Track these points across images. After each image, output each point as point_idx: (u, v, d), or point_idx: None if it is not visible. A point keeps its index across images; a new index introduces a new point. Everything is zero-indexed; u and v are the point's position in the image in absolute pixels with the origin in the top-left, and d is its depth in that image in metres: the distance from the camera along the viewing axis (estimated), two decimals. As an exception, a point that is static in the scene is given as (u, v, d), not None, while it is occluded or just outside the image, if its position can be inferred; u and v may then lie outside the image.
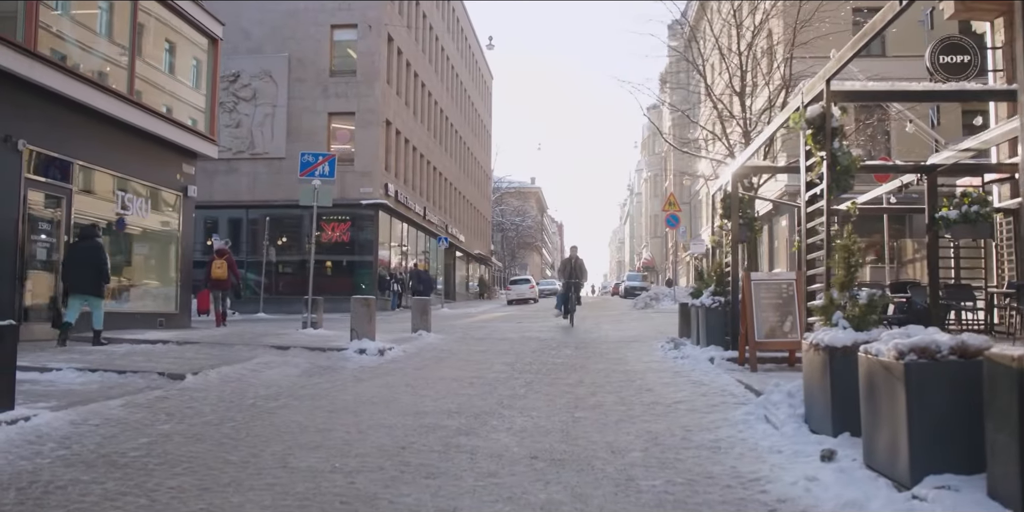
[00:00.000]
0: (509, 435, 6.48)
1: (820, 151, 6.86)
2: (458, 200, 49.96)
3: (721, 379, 9.50)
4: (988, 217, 10.71)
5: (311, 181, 15.73)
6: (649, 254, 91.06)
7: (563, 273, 20.37)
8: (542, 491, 4.80)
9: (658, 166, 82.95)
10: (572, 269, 20.03)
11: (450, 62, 47.71)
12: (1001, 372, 3.85)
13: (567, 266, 20.31)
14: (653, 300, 34.48)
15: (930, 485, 4.19)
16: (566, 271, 20.20)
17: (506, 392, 8.81)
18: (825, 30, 19.93)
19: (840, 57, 6.47)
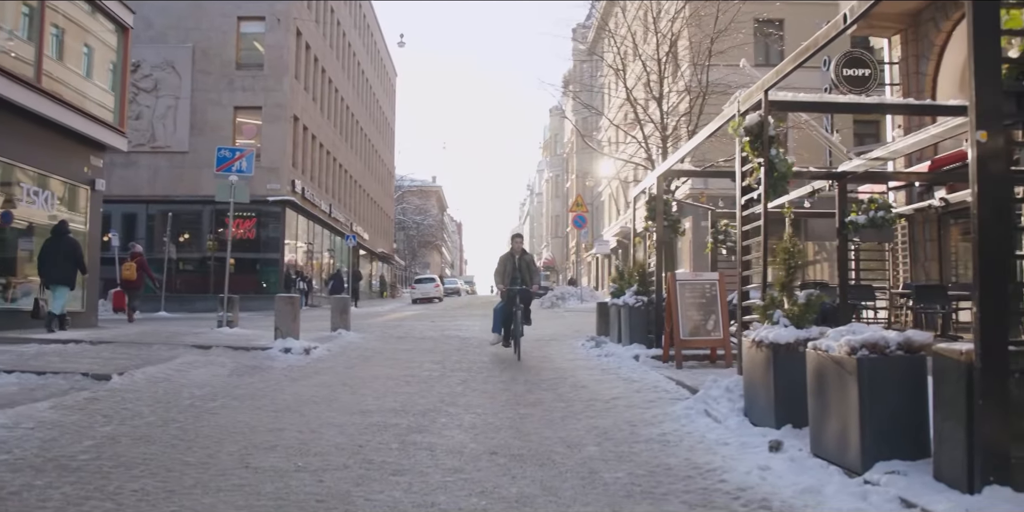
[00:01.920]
0: (461, 432, 6.58)
1: (758, 157, 7.20)
2: (363, 198, 49.47)
3: (650, 376, 9.81)
4: (893, 222, 11.39)
5: (227, 177, 15.37)
6: (550, 254, 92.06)
7: (503, 275, 12.50)
8: (512, 485, 4.92)
9: (560, 167, 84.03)
10: (518, 269, 12.52)
11: (356, 58, 47.20)
12: (949, 365, 4.20)
13: (508, 265, 12.59)
14: (560, 299, 35.01)
15: (880, 470, 4.52)
16: (508, 272, 12.50)
17: (444, 390, 8.88)
18: (740, 40, 20.73)
19: (780, 69, 6.82)
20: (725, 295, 10.92)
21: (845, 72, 15.19)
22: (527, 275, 12.48)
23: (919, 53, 15.08)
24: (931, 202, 14.16)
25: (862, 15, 5.44)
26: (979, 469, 3.97)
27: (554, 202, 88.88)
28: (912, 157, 14.65)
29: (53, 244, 14.37)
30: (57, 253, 14.19)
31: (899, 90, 15.55)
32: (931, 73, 14.83)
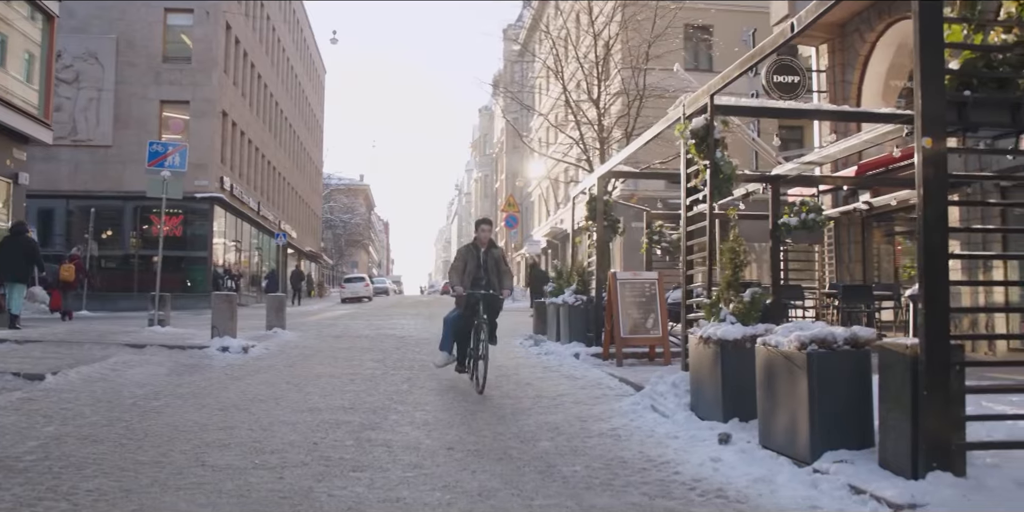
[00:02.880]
0: (414, 428, 6.62)
1: (704, 160, 7.42)
2: (291, 195, 48.75)
3: (592, 373, 9.98)
4: (823, 224, 11.82)
5: (159, 172, 15.02)
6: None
7: (462, 274, 9.26)
8: (473, 480, 5.00)
9: (489, 167, 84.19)
10: (484, 268, 9.27)
11: (285, 54, 46.48)
12: (895, 359, 4.43)
13: (471, 261, 9.30)
14: (491, 299, 35.02)
15: (828, 460, 4.74)
16: (469, 271, 9.26)
17: (390, 388, 8.89)
18: (675, 45, 21.18)
19: (726, 75, 7.05)
20: (664, 294, 11.17)
21: (775, 78, 15.69)
22: (495, 276, 9.19)
23: (845, 62, 15.65)
24: (856, 205, 14.71)
25: (808, 26, 5.67)
26: (923, 456, 4.21)
27: (483, 202, 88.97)
28: (838, 162, 15.20)
29: (11, 243, 14.63)
30: (16, 252, 14.45)
31: (826, 97, 16.11)
32: (856, 82, 15.40)
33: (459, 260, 9.31)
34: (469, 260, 9.21)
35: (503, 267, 9.32)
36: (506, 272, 9.32)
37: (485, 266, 9.14)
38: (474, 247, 9.34)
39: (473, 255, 9.25)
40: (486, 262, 9.17)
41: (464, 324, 9.03)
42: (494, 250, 9.34)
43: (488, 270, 9.13)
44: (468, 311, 8.98)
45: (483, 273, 9.11)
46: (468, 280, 9.10)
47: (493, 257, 9.26)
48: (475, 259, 9.21)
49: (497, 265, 9.25)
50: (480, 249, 9.27)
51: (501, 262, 9.33)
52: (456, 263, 9.35)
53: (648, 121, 19.07)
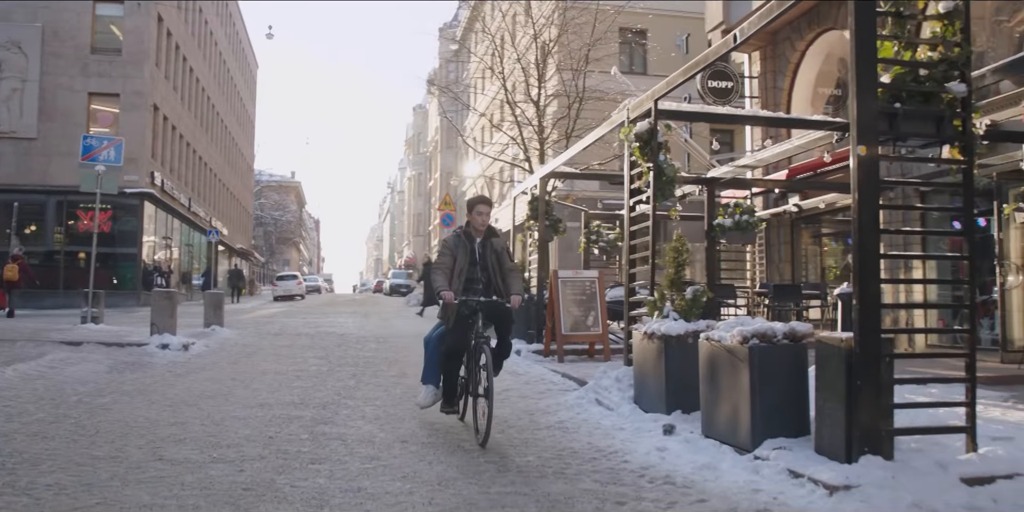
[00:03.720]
0: (367, 423, 6.75)
1: (647, 162, 7.70)
2: (222, 192, 47.92)
3: (535, 369, 10.22)
4: (756, 225, 12.27)
5: (94, 166, 14.75)
6: (411, 252, 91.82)
7: (449, 274, 6.59)
8: (430, 470, 5.16)
9: (423, 165, 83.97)
10: (481, 265, 6.66)
11: (218, 48, 45.67)
12: (831, 352, 4.75)
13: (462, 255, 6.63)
14: (426, 297, 35.08)
15: (769, 447, 5.04)
16: (461, 270, 6.60)
17: (337, 384, 8.97)
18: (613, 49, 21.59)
19: (670, 81, 7.33)
20: (604, 292, 11.47)
21: (710, 84, 16.17)
22: (498, 276, 6.62)
23: (776, 69, 16.21)
24: (786, 207, 15.27)
25: (751, 36, 5.98)
26: (856, 441, 4.54)
27: (416, 200, 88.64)
28: (769, 166, 15.73)
29: None
30: None
31: (758, 102, 16.65)
32: (786, 88, 15.97)
33: (445, 254, 6.58)
34: (460, 254, 6.53)
35: (508, 264, 6.71)
36: (512, 271, 6.69)
37: (483, 263, 6.56)
38: (466, 236, 6.59)
39: (465, 248, 6.55)
40: (484, 257, 6.58)
41: (454, 345, 6.41)
42: (494, 240, 6.67)
43: (487, 268, 6.56)
44: (460, 327, 6.36)
45: (479, 272, 6.54)
46: (459, 282, 6.47)
47: (493, 250, 6.63)
48: (468, 253, 6.55)
49: (500, 261, 6.65)
50: (475, 240, 6.58)
51: (504, 257, 6.72)
52: (441, 259, 6.58)
53: (587, 123, 19.44)
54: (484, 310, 6.28)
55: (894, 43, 4.76)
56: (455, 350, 6.44)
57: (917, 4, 4.81)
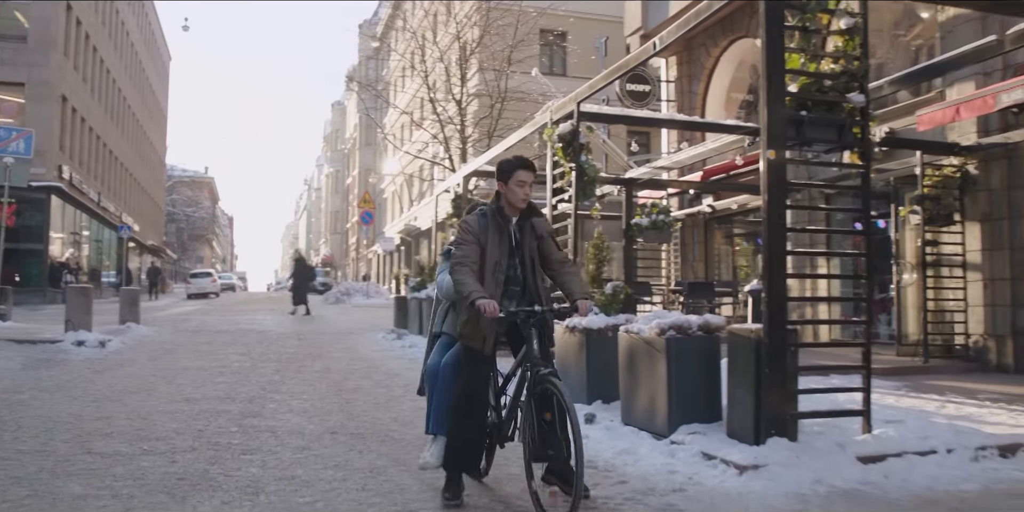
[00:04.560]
0: (295, 415, 6.84)
1: (569, 163, 7.99)
2: (133, 187, 46.58)
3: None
4: (671, 225, 12.72)
5: (2, 158, 14.30)
6: (328, 250, 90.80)
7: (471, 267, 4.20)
8: (362, 459, 5.32)
9: (341, 162, 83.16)
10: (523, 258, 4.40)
11: (130, 38, 44.37)
12: (742, 342, 5.09)
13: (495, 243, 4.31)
14: (345, 295, 34.92)
15: (684, 432, 5.36)
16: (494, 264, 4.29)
17: (262, 380, 9.00)
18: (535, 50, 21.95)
19: (592, 84, 7.63)
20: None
21: (628, 87, 16.63)
22: (536, 273, 4.46)
23: (692, 74, 16.77)
24: (700, 208, 15.83)
25: (669, 44, 6.30)
26: (764, 425, 4.89)
27: (333, 197, 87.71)
28: (685, 168, 16.27)
29: None
30: None
31: (674, 106, 17.19)
32: (701, 93, 16.54)
33: (469, 242, 4.30)
34: (491, 242, 4.32)
35: (557, 254, 4.53)
36: (565, 263, 4.55)
37: (521, 254, 4.41)
38: (499, 215, 4.38)
39: (500, 232, 4.36)
40: (522, 246, 4.41)
41: (480, 386, 4.35)
42: (536, 221, 4.48)
43: (525, 262, 4.40)
44: (487, 358, 4.36)
45: (519, 270, 4.40)
46: (494, 284, 4.28)
47: (535, 235, 4.46)
48: (503, 240, 4.36)
49: (545, 251, 4.49)
50: (511, 220, 4.39)
51: (551, 244, 4.52)
52: (465, 249, 4.28)
53: (509, 123, 19.73)
54: (530, 323, 4.16)
55: (800, 56, 5.13)
56: (479, 394, 4.29)
57: (821, 20, 5.18)
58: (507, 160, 4.47)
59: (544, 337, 4.26)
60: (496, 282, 4.29)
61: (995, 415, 6.61)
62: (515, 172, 4.39)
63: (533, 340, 4.17)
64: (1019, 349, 9.83)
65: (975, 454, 5.12)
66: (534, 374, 4.09)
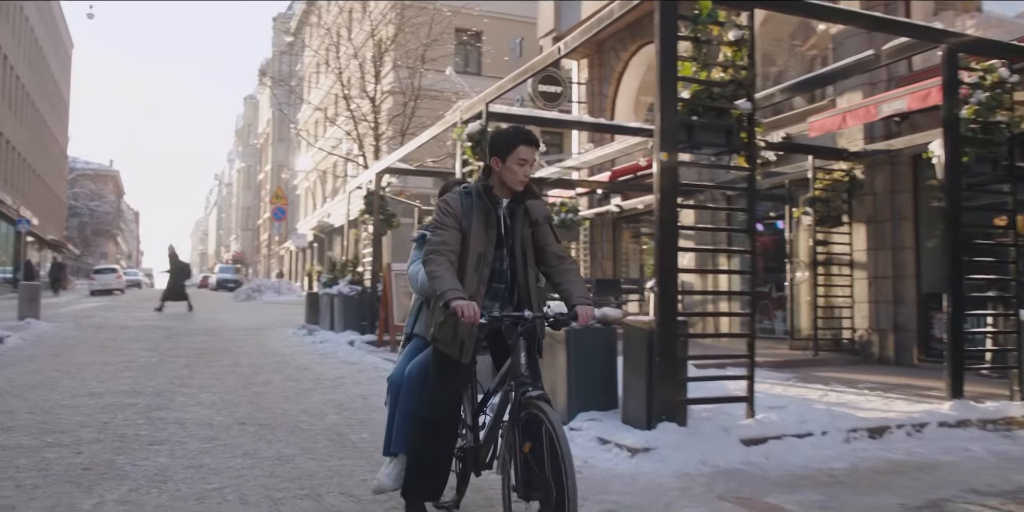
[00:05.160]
0: (203, 408, 6.88)
1: (478, 161, 8.21)
2: (32, 179, 44.83)
3: (368, 359, 10.55)
4: (580, 223, 13.08)
5: None
6: (239, 246, 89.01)
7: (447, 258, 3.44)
8: (270, 448, 5.43)
9: (253, 157, 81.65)
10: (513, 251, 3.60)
11: (29, 23, 42.66)
12: (636, 333, 5.41)
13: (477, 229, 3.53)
14: (256, 292, 34.45)
15: (582, 419, 5.65)
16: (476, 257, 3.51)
17: (170, 374, 8.96)
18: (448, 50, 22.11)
19: (500, 86, 7.88)
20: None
21: (540, 88, 16.96)
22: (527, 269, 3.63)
23: (602, 77, 17.21)
24: (609, 207, 16.27)
25: (574, 49, 6.59)
26: (655, 411, 5.21)
27: (245, 193, 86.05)
28: (593, 168, 16.70)
29: None
30: None
31: (585, 107, 17.60)
32: (611, 95, 16.99)
33: (448, 227, 3.57)
34: (475, 227, 3.58)
35: (554, 247, 3.73)
36: (564, 259, 3.74)
37: (511, 246, 3.63)
38: (487, 196, 3.61)
39: (487, 215, 3.60)
40: (512, 235, 3.63)
41: (449, 402, 3.65)
42: (531, 204, 3.68)
43: (515, 255, 3.63)
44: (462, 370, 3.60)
45: (506, 263, 3.64)
46: (477, 279, 3.53)
47: (529, 221, 3.67)
48: (490, 226, 3.61)
49: (542, 242, 3.70)
50: (500, 203, 3.62)
51: (549, 235, 3.73)
52: (443, 234, 3.55)
53: (422, 121, 19.86)
54: (525, 335, 3.44)
55: (692, 64, 5.48)
56: (449, 409, 3.65)
57: (712, 31, 5.53)
58: (505, 132, 3.65)
59: (533, 349, 3.48)
60: (479, 278, 3.52)
61: (870, 402, 7.12)
62: (516, 148, 3.53)
63: (520, 353, 3.40)
64: (899, 343, 10.51)
65: (847, 436, 5.56)
66: (519, 395, 3.33)
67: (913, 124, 9.90)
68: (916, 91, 8.23)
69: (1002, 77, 6.72)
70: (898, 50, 7.17)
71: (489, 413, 3.69)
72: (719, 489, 4.47)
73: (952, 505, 4.20)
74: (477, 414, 3.76)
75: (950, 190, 6.64)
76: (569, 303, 3.55)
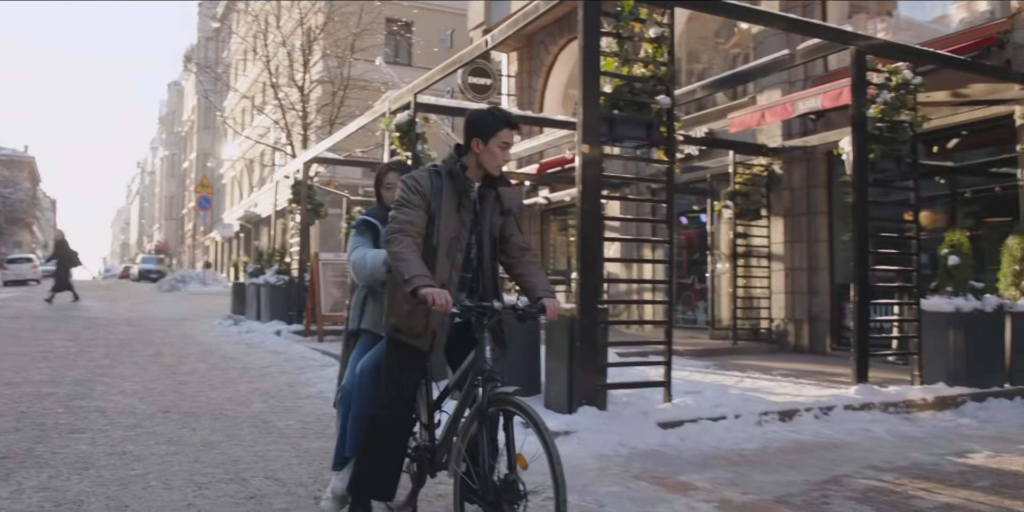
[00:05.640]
0: (126, 397, 6.82)
1: (406, 152, 8.27)
2: (-60, 164, 43.05)
3: (295, 348, 10.53)
4: (508, 214, 13.19)
5: None
6: (163, 236, 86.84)
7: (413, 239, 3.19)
8: (195, 435, 5.44)
9: (177, 145, 79.72)
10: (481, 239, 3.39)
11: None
12: (558, 320, 5.55)
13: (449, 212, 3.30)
14: (180, 283, 33.77)
15: (506, 405, 5.78)
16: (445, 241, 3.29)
17: (90, 364, 8.81)
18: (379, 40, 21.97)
19: (429, 77, 7.95)
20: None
21: (470, 80, 17.01)
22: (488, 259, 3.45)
23: (531, 70, 17.38)
24: (537, 199, 16.47)
25: (500, 42, 6.71)
26: (576, 395, 5.38)
27: (169, 182, 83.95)
28: (522, 160, 16.86)
29: None
30: None
31: (514, 100, 17.74)
32: (540, 88, 17.18)
33: (414, 205, 3.29)
34: (445, 208, 3.33)
35: (519, 238, 3.58)
36: (528, 250, 3.60)
37: (480, 234, 3.42)
38: (459, 177, 3.35)
39: (457, 197, 3.37)
40: (482, 221, 3.42)
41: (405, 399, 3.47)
42: (505, 191, 3.48)
43: (482, 243, 3.44)
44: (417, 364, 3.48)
45: (474, 252, 3.44)
46: (449, 266, 3.32)
47: (501, 209, 3.46)
48: (462, 210, 3.37)
49: (507, 233, 3.53)
50: (473, 185, 3.39)
51: (514, 226, 3.58)
52: (409, 212, 3.27)
53: (351, 111, 19.75)
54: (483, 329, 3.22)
55: (615, 59, 5.65)
56: (406, 405, 3.48)
57: (634, 28, 5.71)
58: (489, 113, 3.40)
59: (499, 343, 3.34)
60: (452, 264, 3.31)
61: (783, 387, 7.44)
62: (501, 130, 3.32)
63: (485, 346, 3.20)
64: (813, 332, 10.95)
65: (759, 419, 5.82)
66: (488, 391, 3.13)
67: (828, 122, 10.31)
68: (829, 90, 8.58)
69: (906, 79, 7.08)
70: (812, 50, 7.48)
71: (446, 411, 3.48)
72: (635, 469, 4.65)
73: (852, 480, 4.45)
74: (433, 411, 3.55)
75: (858, 185, 6.97)
76: (534, 295, 3.41)
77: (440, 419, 3.54)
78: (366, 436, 3.42)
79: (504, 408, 3.17)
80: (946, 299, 6.92)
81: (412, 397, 3.49)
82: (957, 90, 8.60)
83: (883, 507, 3.91)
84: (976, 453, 5.17)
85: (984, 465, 4.88)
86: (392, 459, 3.43)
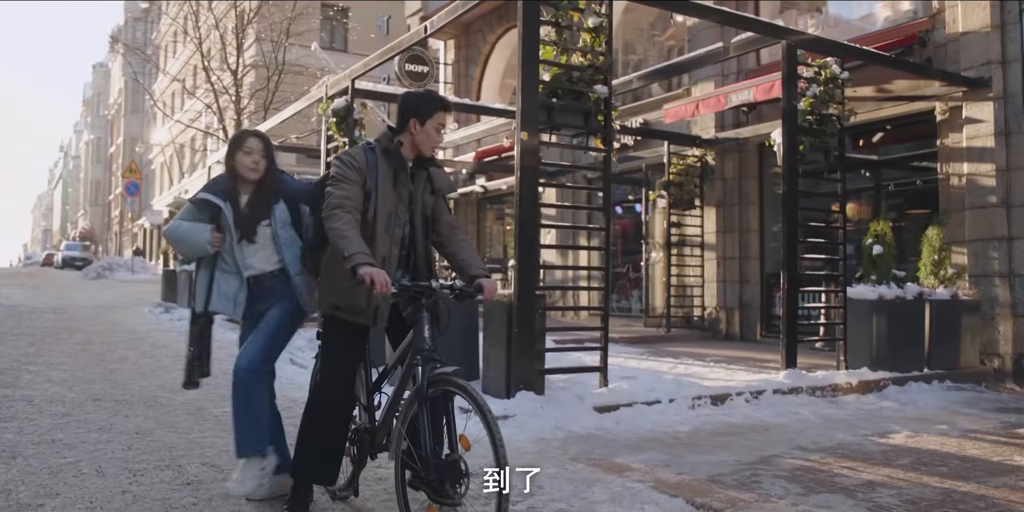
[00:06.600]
0: (54, 385, 6.67)
1: (343, 137, 8.22)
2: None
3: (228, 335, 10.05)
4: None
5: None
6: (88, 223, 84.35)
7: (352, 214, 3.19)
8: (127, 423, 5.36)
9: (103, 129, 77.41)
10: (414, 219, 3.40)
11: None
12: (497, 307, 5.63)
13: (385, 189, 3.29)
14: (107, 270, 32.89)
15: (444, 390, 5.83)
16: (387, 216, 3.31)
17: (15, 352, 8.57)
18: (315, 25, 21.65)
19: (367, 63, 7.90)
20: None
21: (407, 67, 16.92)
22: (422, 238, 3.46)
23: (469, 58, 17.36)
24: (473, 188, 16.49)
25: (439, 29, 6.71)
26: (513, 380, 5.45)
27: (95, 167, 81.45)
28: (459, 148, 16.86)
29: None
30: None
31: (451, 88, 17.70)
32: (478, 77, 17.17)
33: (349, 181, 3.26)
34: (383, 186, 3.33)
35: (448, 217, 3.59)
36: (457, 229, 3.64)
37: (413, 212, 3.42)
38: (389, 154, 3.36)
39: (393, 174, 3.36)
40: (415, 200, 3.42)
41: (346, 381, 3.51)
42: (435, 172, 3.49)
43: (418, 223, 3.44)
44: (357, 342, 3.58)
45: (407, 230, 3.43)
46: (388, 242, 3.34)
47: (432, 189, 3.47)
48: (399, 186, 3.37)
49: (437, 212, 3.51)
50: (407, 164, 3.38)
51: (444, 206, 3.57)
52: (346, 187, 3.25)
53: (286, 96, 19.46)
54: (421, 307, 3.23)
55: (553, 48, 5.71)
56: (347, 386, 3.50)
57: (573, 17, 5.78)
58: (425, 95, 3.50)
59: (436, 323, 3.27)
60: (392, 239, 3.31)
61: (715, 373, 7.65)
62: (436, 112, 3.35)
63: (424, 326, 3.20)
64: (744, 319, 11.23)
65: (692, 403, 5.97)
66: (427, 372, 3.16)
67: (760, 114, 10.55)
68: (761, 83, 8.80)
69: (835, 73, 7.30)
70: (744, 44, 7.65)
71: (386, 392, 3.47)
72: (572, 452, 4.74)
73: (781, 460, 4.61)
74: (372, 393, 3.56)
75: (788, 176, 7.17)
76: (467, 274, 3.40)
77: (379, 400, 3.55)
78: (308, 420, 3.45)
79: (445, 388, 3.19)
80: (870, 287, 7.19)
81: (353, 379, 3.49)
82: (882, 86, 8.90)
83: (810, 485, 4.07)
84: (897, 433, 5.40)
85: (904, 444, 5.10)
86: (334, 443, 3.43)
